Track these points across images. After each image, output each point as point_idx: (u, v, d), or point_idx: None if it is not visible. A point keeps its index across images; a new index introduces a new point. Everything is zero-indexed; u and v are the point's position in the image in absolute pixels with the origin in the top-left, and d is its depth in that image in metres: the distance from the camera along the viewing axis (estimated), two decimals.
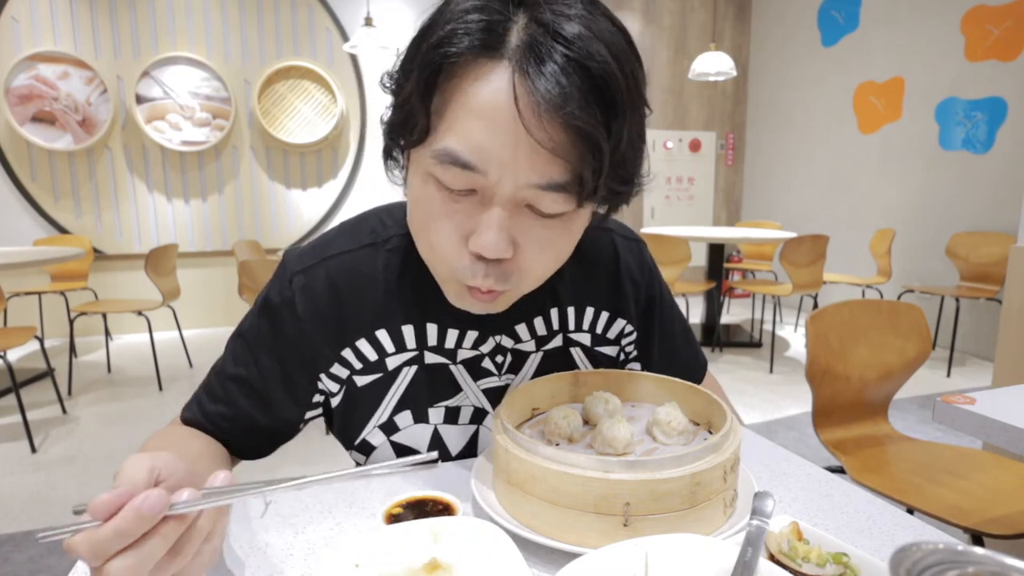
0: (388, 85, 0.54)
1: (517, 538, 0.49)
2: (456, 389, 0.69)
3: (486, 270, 0.52)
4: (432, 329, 0.67)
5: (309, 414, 0.70)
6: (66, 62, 4.10)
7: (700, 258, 4.57)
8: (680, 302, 5.66)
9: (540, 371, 0.72)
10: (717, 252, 4.28)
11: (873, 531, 0.56)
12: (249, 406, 0.67)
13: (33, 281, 4.11)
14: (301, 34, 4.61)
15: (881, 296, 4.11)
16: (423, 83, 0.48)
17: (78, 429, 2.76)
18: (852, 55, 4.86)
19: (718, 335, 4.31)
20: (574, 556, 0.45)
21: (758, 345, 4.28)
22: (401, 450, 0.70)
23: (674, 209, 6.01)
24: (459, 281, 0.55)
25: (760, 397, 3.21)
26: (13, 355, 3.87)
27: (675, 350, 0.81)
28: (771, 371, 3.67)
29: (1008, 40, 3.77)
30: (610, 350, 0.76)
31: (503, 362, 0.70)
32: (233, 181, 4.62)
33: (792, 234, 3.87)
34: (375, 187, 4.93)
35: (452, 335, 0.67)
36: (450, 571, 0.46)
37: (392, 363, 0.67)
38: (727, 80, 5.62)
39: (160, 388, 3.30)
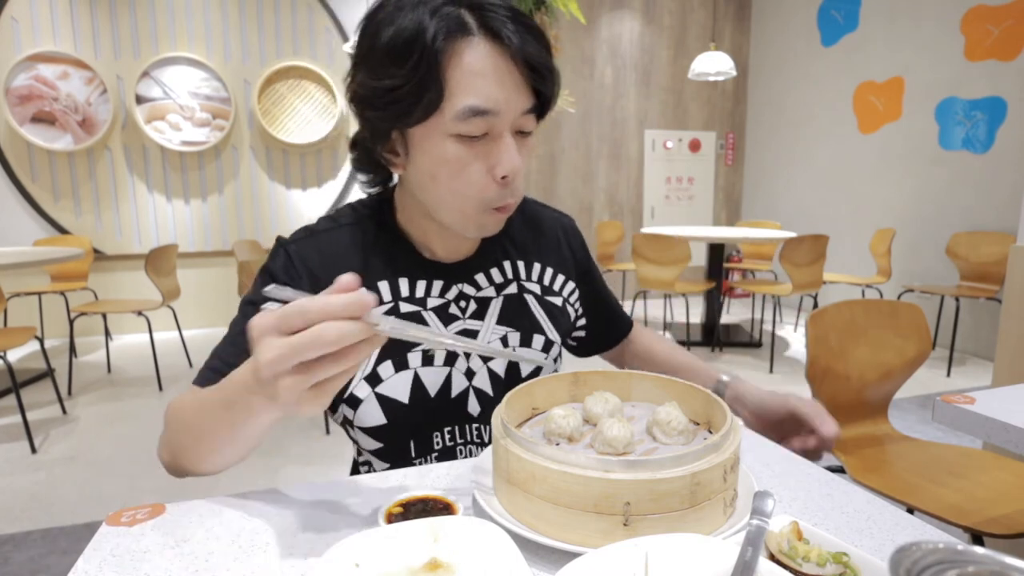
0: (375, 88, 0.65)
1: (517, 538, 0.49)
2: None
3: (506, 189, 0.68)
4: (403, 283, 0.78)
5: None
6: (66, 62, 4.10)
7: (700, 258, 4.57)
8: (680, 302, 5.69)
9: (502, 315, 0.81)
10: (717, 252, 4.28)
11: (873, 531, 0.56)
12: None
13: (33, 281, 4.11)
14: (301, 34, 4.62)
15: (881, 296, 4.12)
16: (433, 69, 0.61)
17: (78, 429, 2.76)
18: (852, 55, 4.86)
19: (718, 335, 4.31)
20: (574, 556, 0.45)
21: (758, 345, 4.28)
22: (384, 401, 0.75)
23: (674, 209, 6.01)
24: (488, 209, 0.69)
25: None
26: (13, 355, 3.87)
27: (610, 310, 0.98)
28: (771, 371, 3.67)
29: (1008, 40, 3.77)
30: (556, 300, 0.88)
31: (467, 307, 0.80)
32: (233, 181, 4.62)
33: (792, 234, 3.87)
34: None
35: (421, 286, 0.78)
36: (450, 571, 0.46)
37: None
38: (727, 80, 5.63)
39: (160, 388, 3.30)
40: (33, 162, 4.16)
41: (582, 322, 0.95)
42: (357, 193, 4.90)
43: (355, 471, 0.94)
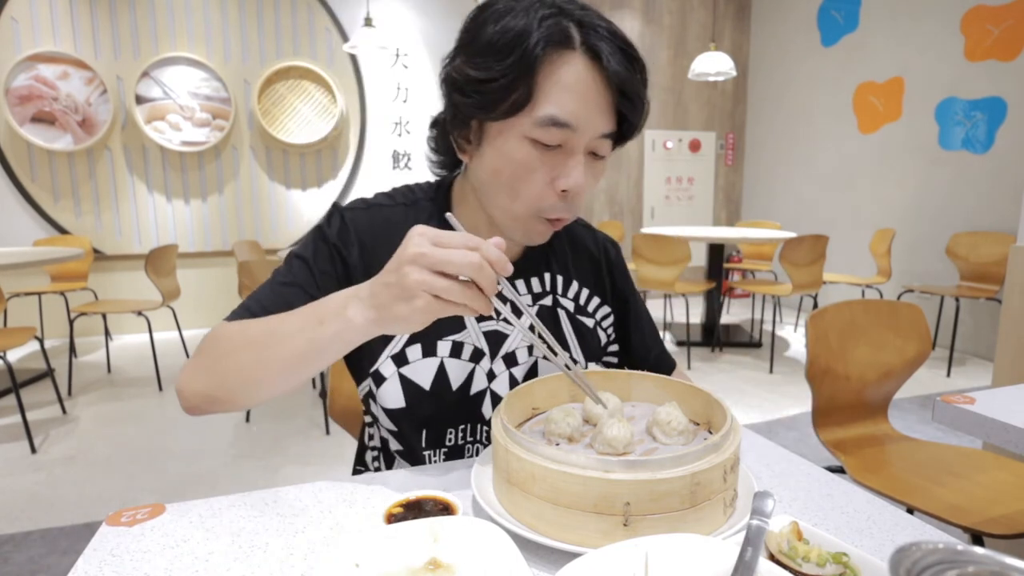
0: (472, 74, 0.67)
1: (517, 538, 0.49)
2: (461, 326, 0.79)
3: (564, 203, 0.69)
4: None
5: None
6: (66, 62, 4.10)
7: (700, 258, 4.57)
8: (680, 302, 5.69)
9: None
10: (717, 252, 4.28)
11: (873, 531, 0.56)
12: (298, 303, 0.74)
13: (33, 281, 4.11)
14: (301, 34, 4.62)
15: (881, 296, 4.12)
16: (527, 73, 0.64)
17: (78, 429, 2.76)
18: (852, 55, 4.86)
19: (718, 335, 4.31)
20: (574, 556, 0.45)
21: (758, 345, 4.28)
22: (407, 384, 0.77)
23: (674, 209, 6.00)
24: (539, 217, 0.71)
25: (760, 397, 3.21)
26: (13, 355, 3.87)
27: (647, 343, 0.95)
28: (771, 371, 3.67)
29: (1008, 40, 3.77)
30: (588, 321, 0.88)
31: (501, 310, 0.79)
32: (233, 181, 4.62)
33: (792, 234, 3.87)
34: (375, 187, 4.92)
35: None
36: (450, 571, 0.46)
37: None
38: (727, 80, 5.62)
39: (160, 388, 3.30)
40: (33, 162, 4.16)
41: (614, 348, 0.94)
42: (357, 193, 4.91)
43: (356, 470, 0.94)
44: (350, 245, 0.76)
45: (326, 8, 4.63)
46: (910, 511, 1.15)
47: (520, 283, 0.82)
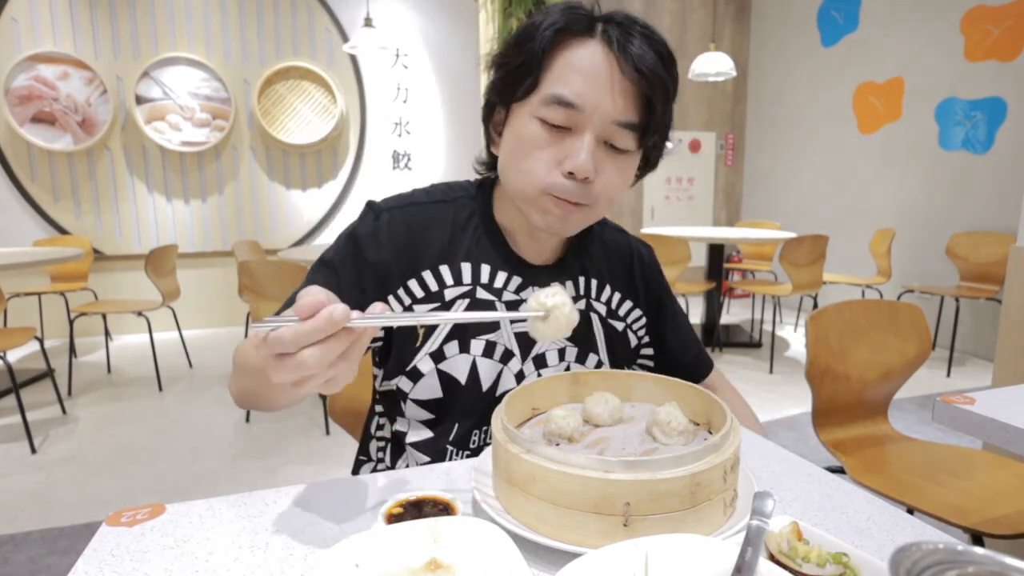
0: (496, 62, 0.73)
1: (517, 538, 0.49)
2: (495, 326, 0.80)
3: (574, 186, 0.69)
4: (485, 269, 0.80)
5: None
6: (66, 63, 4.10)
7: (700, 258, 4.57)
8: (680, 302, 5.67)
9: None
10: (717, 252, 4.28)
11: (873, 531, 0.56)
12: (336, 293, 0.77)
13: (33, 281, 4.11)
14: (301, 35, 4.62)
15: (881, 296, 4.11)
16: (539, 52, 0.67)
17: (78, 429, 2.76)
18: (852, 55, 4.86)
19: (718, 335, 4.30)
20: (574, 556, 0.45)
21: (758, 345, 4.28)
22: (444, 377, 0.78)
23: (674, 209, 6.00)
24: (548, 194, 0.70)
25: (760, 397, 3.21)
26: (13, 355, 3.87)
27: (684, 345, 0.94)
28: (771, 371, 3.67)
29: (1008, 40, 3.77)
30: (618, 325, 0.88)
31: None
32: (233, 182, 4.62)
33: (792, 234, 3.87)
34: (375, 187, 4.93)
35: (501, 277, 0.80)
36: (450, 571, 0.46)
37: (449, 295, 0.79)
38: (727, 80, 5.62)
39: (160, 388, 3.30)
40: (33, 162, 4.16)
41: (648, 351, 0.94)
42: (357, 193, 4.91)
43: (359, 460, 0.94)
44: (378, 248, 0.76)
45: (326, 8, 4.63)
46: (910, 511, 1.15)
47: (556, 286, 0.83)
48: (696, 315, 4.91)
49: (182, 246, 4.48)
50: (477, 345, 0.79)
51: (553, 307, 0.60)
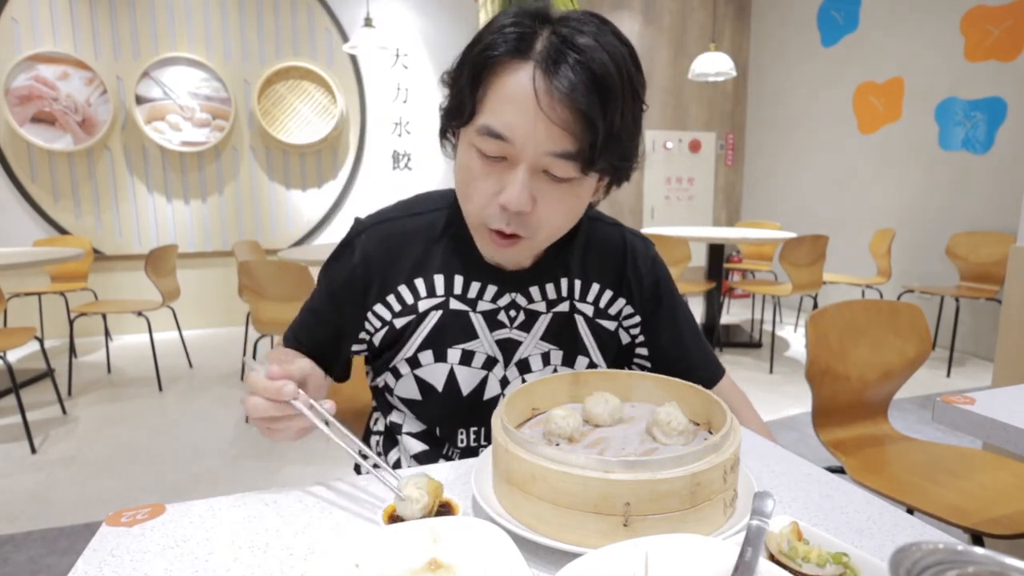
0: (446, 81, 0.70)
1: (517, 538, 0.49)
2: (473, 335, 0.80)
3: (509, 218, 0.67)
4: (459, 280, 0.80)
5: (355, 347, 0.85)
6: (66, 63, 4.10)
7: (700, 258, 4.57)
8: None
9: (548, 331, 0.81)
10: (717, 252, 4.28)
11: (873, 531, 0.56)
12: (318, 331, 0.84)
13: (33, 281, 4.11)
14: (301, 35, 4.62)
15: (881, 296, 4.11)
16: (472, 78, 0.64)
17: (78, 429, 2.76)
18: (852, 55, 4.86)
19: (718, 335, 4.30)
20: (574, 556, 0.45)
21: (758, 345, 4.28)
22: (421, 382, 0.80)
23: (674, 209, 6.00)
24: (487, 226, 0.69)
25: (760, 397, 3.21)
26: (13, 355, 3.87)
27: (683, 343, 0.88)
28: (771, 371, 3.67)
29: (1008, 40, 3.77)
30: (609, 324, 0.85)
31: (515, 317, 0.81)
32: (233, 182, 4.62)
33: (792, 234, 3.87)
34: (375, 187, 4.93)
35: (475, 287, 0.80)
36: (450, 571, 0.46)
37: (423, 306, 0.80)
38: (727, 80, 5.62)
39: (160, 388, 3.30)
40: (33, 162, 4.16)
41: (644, 351, 0.88)
42: (357, 193, 4.91)
43: (358, 468, 0.94)
44: (355, 274, 0.80)
45: (326, 8, 4.63)
46: (910, 511, 1.15)
47: (534, 290, 0.81)
48: (696, 315, 4.88)
49: (182, 246, 4.48)
50: (454, 354, 0.79)
51: (407, 496, 0.54)
